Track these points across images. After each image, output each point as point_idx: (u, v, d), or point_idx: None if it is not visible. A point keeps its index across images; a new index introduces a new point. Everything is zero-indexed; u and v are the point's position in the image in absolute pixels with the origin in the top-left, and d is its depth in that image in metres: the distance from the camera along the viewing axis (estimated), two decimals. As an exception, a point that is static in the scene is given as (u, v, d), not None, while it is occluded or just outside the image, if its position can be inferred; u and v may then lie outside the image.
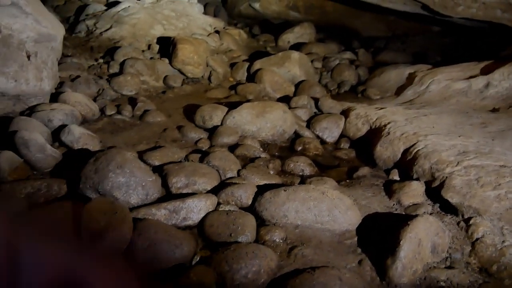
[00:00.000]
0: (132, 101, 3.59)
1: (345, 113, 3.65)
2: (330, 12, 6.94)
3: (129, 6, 5.26)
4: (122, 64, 4.17)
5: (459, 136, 2.85)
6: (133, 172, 2.14)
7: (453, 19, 5.11)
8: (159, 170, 2.41)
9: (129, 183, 2.12)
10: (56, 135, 2.72)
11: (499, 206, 2.15)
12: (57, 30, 3.26)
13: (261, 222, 2.15)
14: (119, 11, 5.20)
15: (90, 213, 1.79)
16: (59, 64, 3.56)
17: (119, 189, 2.10)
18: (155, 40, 4.87)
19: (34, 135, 2.42)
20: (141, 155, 2.59)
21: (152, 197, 2.17)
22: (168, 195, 2.26)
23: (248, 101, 3.71)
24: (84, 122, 3.12)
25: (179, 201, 2.07)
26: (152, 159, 2.57)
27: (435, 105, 3.70)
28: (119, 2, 5.39)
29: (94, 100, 3.52)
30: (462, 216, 2.24)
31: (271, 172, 2.75)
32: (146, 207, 2.04)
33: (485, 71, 3.82)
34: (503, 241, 2.02)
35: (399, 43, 6.82)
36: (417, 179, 2.63)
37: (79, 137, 2.64)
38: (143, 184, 2.14)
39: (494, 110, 3.41)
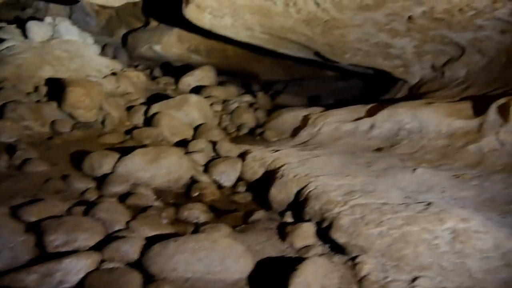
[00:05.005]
0: (11, 149, 3.28)
1: (243, 156, 3.68)
2: (231, 56, 7.08)
3: (14, 45, 4.95)
4: (1, 108, 3.83)
5: (347, 176, 2.98)
6: (-2, 233, 1.93)
7: (342, 65, 5.46)
8: (36, 227, 2.21)
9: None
10: None
11: (382, 243, 2.24)
12: None
13: (150, 278, 2.04)
14: (2, 50, 4.87)
15: None
16: None
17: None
18: (43, 82, 4.58)
19: None
20: (14, 211, 2.36)
21: (22, 259, 1.97)
22: (44, 256, 2.07)
23: (144, 146, 3.61)
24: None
25: (54, 263, 1.89)
26: (27, 214, 2.34)
27: (327, 146, 3.87)
28: (3, 40, 5.06)
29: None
30: (350, 255, 2.31)
31: (164, 222, 2.66)
32: (13, 272, 1.83)
33: (369, 113, 4.08)
34: (386, 277, 2.09)
35: (296, 86, 7.15)
36: (309, 220, 2.68)
37: None
38: (11, 245, 1.94)
39: (378, 150, 3.64)
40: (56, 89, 4.30)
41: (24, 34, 5.28)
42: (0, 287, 1.73)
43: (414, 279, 2.04)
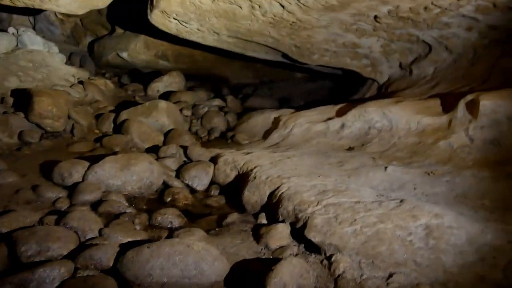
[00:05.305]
0: (-22, 161, 3.24)
1: (214, 159, 3.68)
2: (199, 60, 7.08)
3: (-23, 57, 4.87)
4: (-33, 121, 3.77)
5: (319, 176, 3.00)
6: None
7: (311, 66, 5.51)
8: (8, 238, 2.17)
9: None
10: None
11: (356, 241, 2.26)
12: None
13: (125, 284, 2.01)
14: (-34, 63, 4.78)
15: None
16: None
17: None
18: (9, 93, 4.50)
19: None
20: (-15, 223, 2.32)
21: None
22: (17, 266, 2.04)
23: (114, 153, 3.56)
24: None
25: (27, 273, 1.86)
26: (-1, 226, 2.31)
27: (298, 147, 3.89)
28: (-34, 53, 4.97)
29: None
30: (325, 254, 2.32)
31: (137, 228, 2.63)
32: (-14, 284, 1.81)
33: (340, 113, 4.13)
34: (362, 275, 2.12)
35: (266, 89, 7.19)
36: (283, 221, 2.69)
37: None
38: (-17, 257, 1.90)
39: (350, 149, 3.68)
40: (23, 99, 4.23)
41: (-13, 46, 5.18)
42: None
43: (390, 276, 2.07)
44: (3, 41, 5.20)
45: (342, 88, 6.32)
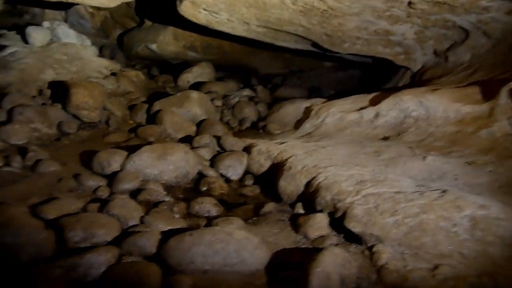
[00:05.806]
0: (22, 150, 3.33)
1: (248, 149, 3.68)
2: (228, 51, 7.08)
3: (16, 51, 4.99)
4: (10, 112, 3.86)
5: (356, 166, 2.97)
6: (22, 230, 1.97)
7: (342, 55, 5.44)
8: (55, 224, 2.24)
9: (17, 242, 1.94)
10: None
11: (398, 232, 2.23)
12: None
13: (168, 270, 2.04)
14: (5, 56, 4.92)
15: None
16: None
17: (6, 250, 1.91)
18: (46, 85, 4.61)
19: None
20: (33, 209, 2.40)
21: (46, 254, 2.01)
22: (64, 251, 2.10)
23: (149, 143, 3.60)
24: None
25: (76, 258, 1.93)
26: (45, 212, 2.38)
27: (331, 136, 3.86)
28: (5, 47, 5.09)
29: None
30: (366, 244, 2.30)
31: (176, 216, 2.66)
32: (40, 266, 1.89)
33: (373, 102, 4.07)
34: (405, 266, 2.08)
35: (295, 78, 7.15)
36: (321, 211, 2.67)
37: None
38: (34, 241, 1.98)
39: (385, 138, 3.63)
40: (60, 91, 4.32)
41: (24, 40, 5.33)
42: (29, 278, 1.79)
43: (435, 267, 2.02)
44: (39, 35, 5.33)
45: (372, 77, 6.24)
